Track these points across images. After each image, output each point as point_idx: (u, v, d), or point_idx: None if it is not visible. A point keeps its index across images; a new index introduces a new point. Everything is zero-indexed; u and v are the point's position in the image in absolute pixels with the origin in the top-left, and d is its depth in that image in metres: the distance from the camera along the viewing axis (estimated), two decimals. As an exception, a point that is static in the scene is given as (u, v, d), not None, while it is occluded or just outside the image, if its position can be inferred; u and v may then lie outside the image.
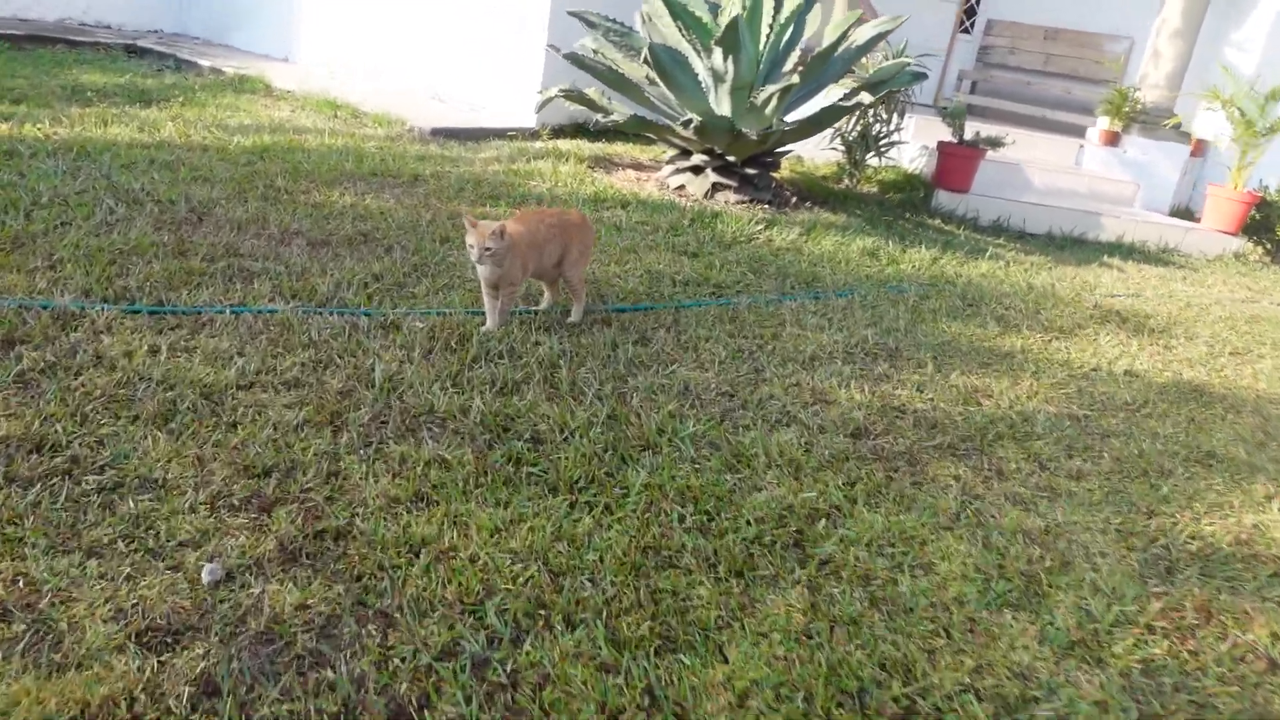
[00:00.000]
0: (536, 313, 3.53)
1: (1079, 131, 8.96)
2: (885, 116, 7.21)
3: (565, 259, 3.37)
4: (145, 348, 2.69)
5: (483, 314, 3.32)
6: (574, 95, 5.89)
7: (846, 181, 7.39)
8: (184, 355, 2.70)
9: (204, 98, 6.79)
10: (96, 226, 3.71)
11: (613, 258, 4.35)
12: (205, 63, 8.32)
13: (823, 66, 5.66)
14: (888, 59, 7.19)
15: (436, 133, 6.67)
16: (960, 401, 3.27)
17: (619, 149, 7.22)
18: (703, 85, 5.70)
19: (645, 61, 5.36)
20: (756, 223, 5.30)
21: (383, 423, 2.49)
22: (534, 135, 7.25)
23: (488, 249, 3.01)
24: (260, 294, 3.28)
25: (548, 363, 3.03)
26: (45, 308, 2.86)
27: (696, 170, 6.11)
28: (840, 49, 5.70)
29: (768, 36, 6.01)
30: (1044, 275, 5.48)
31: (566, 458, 2.40)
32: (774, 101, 5.43)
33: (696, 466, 2.49)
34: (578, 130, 7.62)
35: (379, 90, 8.03)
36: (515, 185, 5.45)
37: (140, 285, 3.18)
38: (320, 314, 3.16)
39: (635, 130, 6.14)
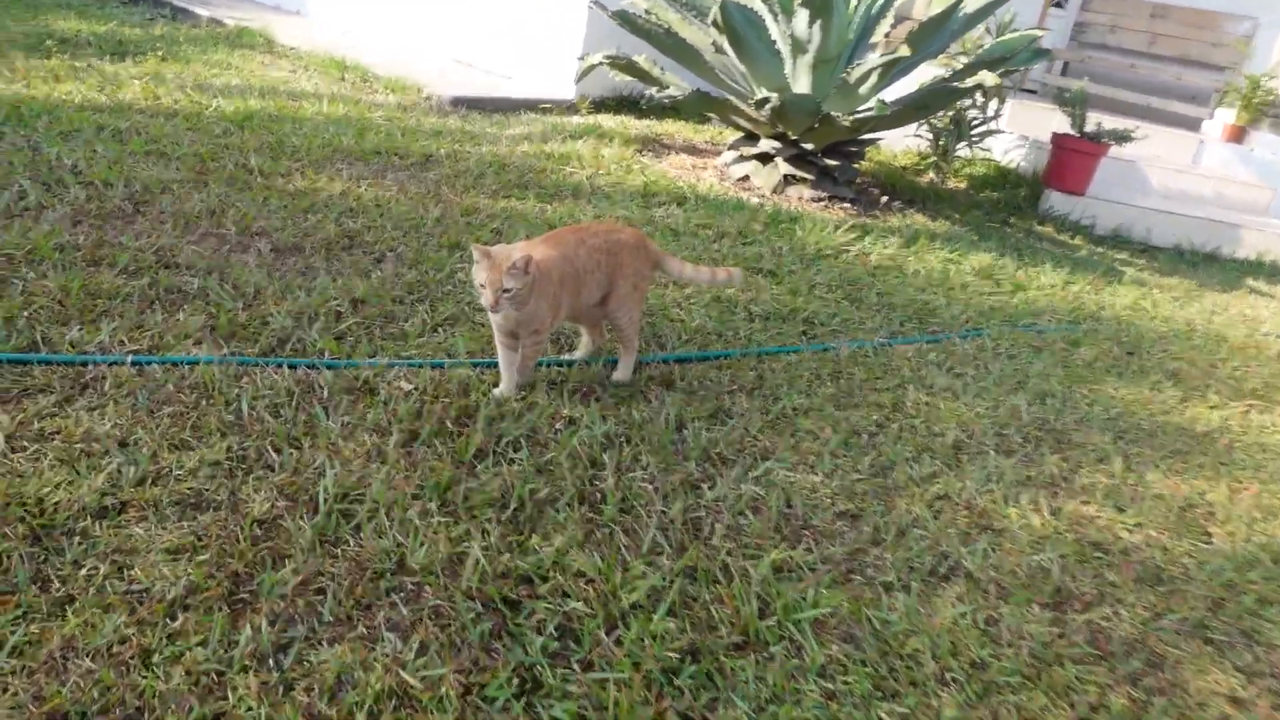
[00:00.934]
0: (569, 366, 2.55)
1: (1190, 124, 7.81)
2: (983, 101, 6.13)
3: (613, 295, 2.39)
4: (-28, 433, 1.75)
5: (495, 366, 2.36)
6: (621, 63, 4.87)
7: (932, 175, 6.33)
8: (32, 448, 1.75)
9: (190, 52, 5.83)
10: (-11, 219, 2.78)
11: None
12: (204, 13, 7.35)
13: (930, 38, 4.59)
14: (989, 34, 6.11)
15: (458, 102, 5.67)
16: (1179, 528, 2.26)
17: (669, 128, 6.18)
18: (780, 55, 4.65)
19: (714, 23, 4.32)
20: (846, 230, 4.27)
21: (318, 593, 1.53)
22: (572, 109, 6.24)
23: (506, 291, 2.03)
24: (186, 330, 2.33)
25: (585, 460, 2.05)
26: None
27: (764, 159, 5.08)
28: (952, 18, 4.62)
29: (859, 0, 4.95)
30: (1195, 307, 4.42)
31: (619, 681, 1.43)
32: (872, 79, 4.38)
33: (830, 688, 1.51)
34: (621, 104, 6.59)
35: (396, 51, 7.03)
36: (548, 172, 4.45)
37: (14, 314, 2.24)
38: (263, 367, 2.21)
39: (698, 110, 5.12)
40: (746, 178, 5.12)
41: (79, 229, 2.86)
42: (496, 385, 2.33)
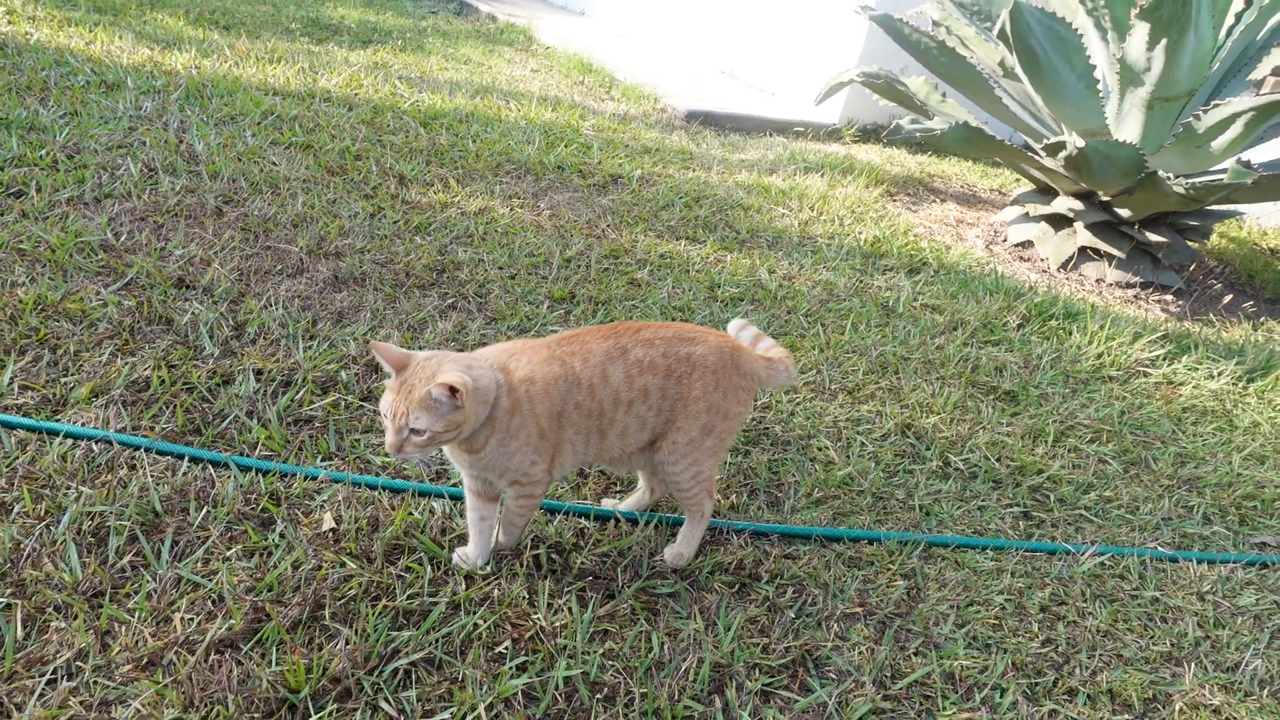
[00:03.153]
0: (602, 519, 1.67)
1: None
2: None
3: (668, 438, 1.48)
4: None
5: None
6: (878, 84, 3.83)
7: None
8: None
9: (435, 45, 5.61)
10: (46, 207, 2.44)
11: (845, 380, 2.34)
12: (485, 8, 7.26)
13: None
14: None
15: (692, 117, 4.92)
16: None
17: (948, 169, 4.99)
18: (1098, 86, 3.37)
19: (1001, 33, 3.18)
20: (1152, 339, 2.94)
21: None
22: (834, 135, 5.25)
23: (417, 432, 1.21)
24: (112, 383, 1.76)
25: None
26: None
27: (1058, 222, 3.80)
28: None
29: (1236, 19, 3.53)
30: None
31: None
32: (1235, 129, 2.99)
33: None
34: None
35: (661, 57, 6.45)
36: (752, 210, 3.55)
37: (-71, 332, 1.80)
38: (158, 456, 1.58)
39: (962, 149, 3.96)
40: (1029, 244, 3.87)
41: (137, 225, 2.45)
42: (466, 540, 1.52)
